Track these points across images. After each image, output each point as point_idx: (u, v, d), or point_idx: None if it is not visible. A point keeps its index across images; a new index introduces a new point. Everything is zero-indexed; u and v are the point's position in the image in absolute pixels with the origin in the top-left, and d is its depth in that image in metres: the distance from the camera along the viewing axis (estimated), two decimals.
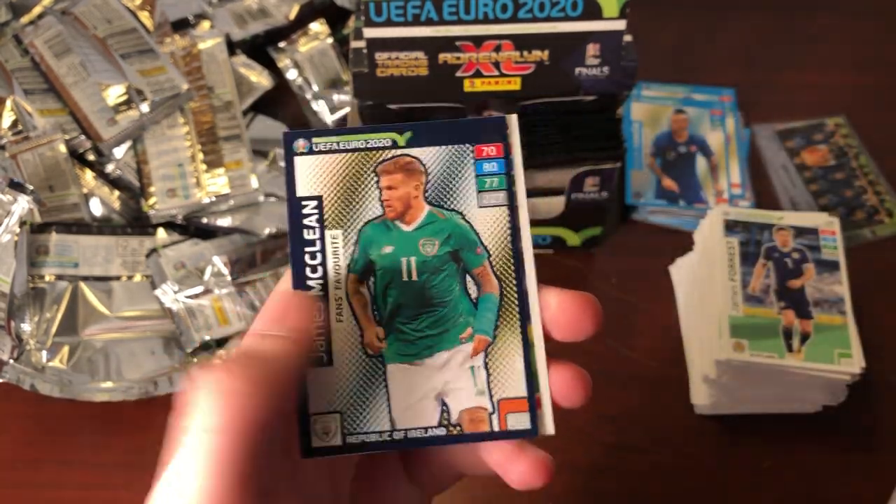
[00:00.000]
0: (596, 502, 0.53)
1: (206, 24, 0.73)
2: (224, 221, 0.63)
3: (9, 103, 0.65)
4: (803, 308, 0.53)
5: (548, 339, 0.27)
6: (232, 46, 0.73)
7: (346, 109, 0.70)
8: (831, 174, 0.71)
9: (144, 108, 0.65)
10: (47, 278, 0.61)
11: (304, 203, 0.26)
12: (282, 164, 0.68)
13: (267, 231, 0.60)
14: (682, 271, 0.62)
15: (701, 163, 0.70)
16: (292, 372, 0.25)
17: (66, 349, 0.58)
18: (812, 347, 0.51)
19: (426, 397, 0.26)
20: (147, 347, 0.59)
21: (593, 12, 0.50)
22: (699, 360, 0.56)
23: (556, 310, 0.27)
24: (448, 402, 0.26)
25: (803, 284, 0.54)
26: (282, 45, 0.74)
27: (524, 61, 0.52)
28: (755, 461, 0.55)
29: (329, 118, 0.71)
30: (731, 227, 0.56)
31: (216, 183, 0.64)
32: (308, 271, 0.26)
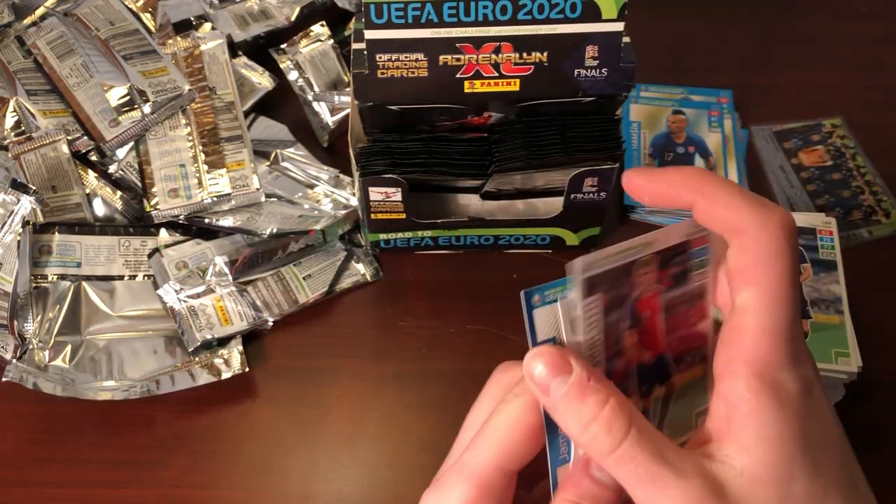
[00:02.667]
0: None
1: (207, 26, 0.74)
2: (226, 221, 0.63)
3: (12, 104, 0.66)
4: (801, 307, 0.53)
5: None
6: (233, 48, 0.73)
7: (347, 110, 0.71)
8: (828, 175, 0.71)
9: (146, 108, 0.65)
10: (50, 278, 0.61)
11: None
12: (283, 164, 0.68)
13: (268, 231, 0.61)
14: None
15: (699, 163, 0.70)
16: None
17: (68, 348, 0.59)
18: (810, 346, 0.51)
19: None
20: (149, 347, 0.59)
21: (592, 14, 0.50)
22: None
23: None
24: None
25: (801, 284, 0.54)
26: (283, 46, 0.74)
27: (523, 63, 0.52)
28: None
29: (330, 119, 0.71)
30: None
31: (218, 183, 0.64)
32: None
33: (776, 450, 0.27)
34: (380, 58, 0.52)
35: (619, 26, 0.51)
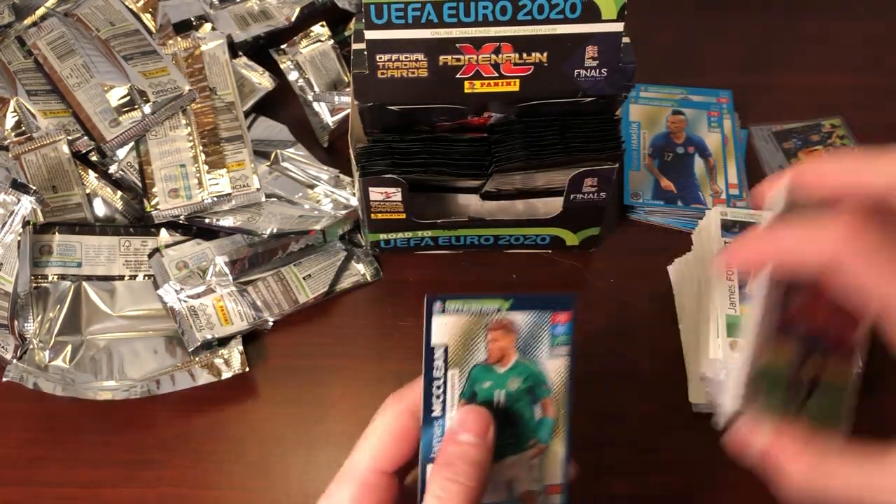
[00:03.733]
0: (594, 500, 0.54)
1: (207, 26, 0.74)
2: (226, 221, 0.63)
3: (12, 104, 0.66)
4: None
5: None
6: (233, 48, 0.73)
7: (347, 111, 0.71)
8: None
9: (147, 109, 0.65)
10: (50, 278, 0.61)
11: (435, 350, 0.35)
12: (283, 164, 0.68)
13: (268, 231, 0.61)
14: (680, 271, 0.63)
15: (698, 163, 0.70)
16: None
17: (69, 348, 0.59)
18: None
19: (500, 482, 0.36)
20: (149, 346, 0.59)
21: (592, 15, 0.50)
22: (696, 360, 0.56)
23: None
24: (514, 486, 0.37)
25: None
26: (283, 46, 0.74)
27: (523, 63, 0.52)
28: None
29: (330, 119, 0.71)
30: (728, 227, 0.57)
31: (218, 183, 0.64)
32: (433, 399, 0.35)
33: None
34: (380, 58, 0.52)
35: (618, 27, 0.51)
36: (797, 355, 0.35)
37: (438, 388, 0.35)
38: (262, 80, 0.73)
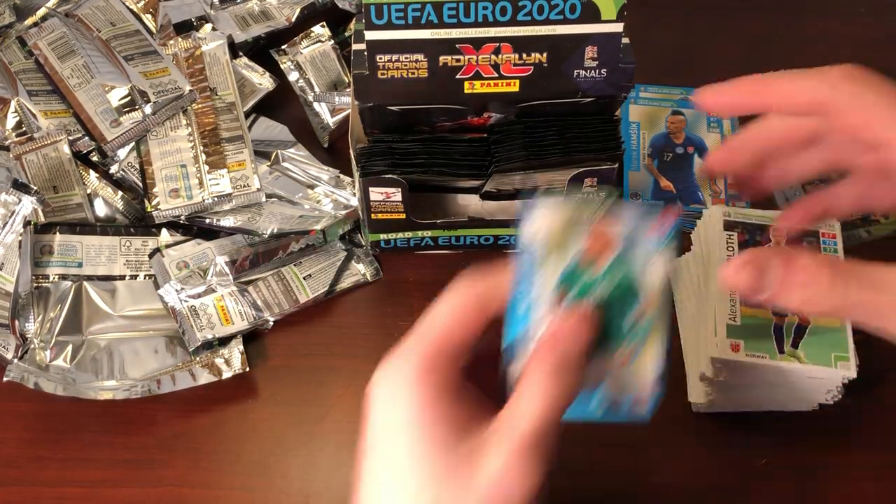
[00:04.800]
0: (594, 500, 0.54)
1: (208, 27, 0.74)
2: (226, 222, 0.63)
3: (13, 105, 0.66)
4: None
5: None
6: (234, 48, 0.73)
7: (348, 111, 0.71)
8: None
9: (147, 109, 0.65)
10: (51, 278, 0.61)
11: (529, 247, 0.33)
12: (283, 164, 0.68)
13: (269, 231, 0.61)
14: (679, 271, 0.63)
15: (698, 164, 0.71)
16: None
17: (69, 348, 0.59)
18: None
19: (587, 387, 0.35)
20: (150, 346, 0.60)
21: (591, 15, 0.50)
22: (696, 359, 0.56)
23: None
24: (600, 393, 0.35)
25: None
26: (284, 46, 0.74)
27: (523, 63, 0.52)
28: (751, 459, 0.55)
29: (330, 119, 0.71)
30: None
31: (219, 183, 0.65)
32: (521, 298, 0.34)
33: None
34: (380, 59, 0.52)
35: (618, 27, 0.51)
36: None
37: (528, 286, 0.34)
38: (263, 81, 0.73)
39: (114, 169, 0.66)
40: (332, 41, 0.75)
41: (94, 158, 0.66)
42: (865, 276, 0.32)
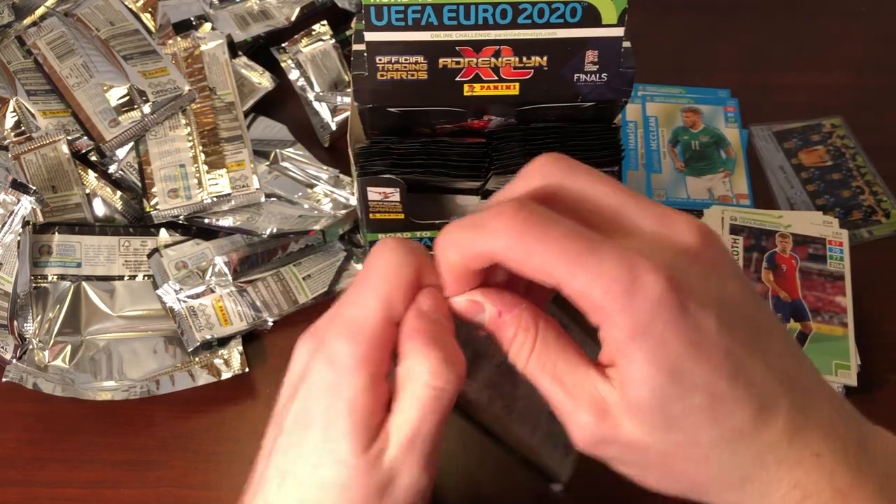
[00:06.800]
0: (590, 500, 0.54)
1: (207, 26, 0.74)
2: (225, 222, 0.63)
3: (12, 104, 0.66)
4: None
5: None
6: (233, 48, 0.73)
7: (348, 111, 0.71)
8: (828, 174, 0.71)
9: (146, 109, 0.65)
10: (50, 278, 0.61)
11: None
12: (283, 164, 0.68)
13: (268, 231, 0.61)
14: None
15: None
16: None
17: (68, 348, 0.59)
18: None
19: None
20: (149, 347, 0.60)
21: (592, 19, 0.50)
22: None
23: None
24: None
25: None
26: (284, 45, 0.74)
27: (523, 67, 0.52)
28: None
29: (330, 119, 0.71)
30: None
31: (218, 183, 0.64)
32: None
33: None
34: (379, 60, 0.52)
35: (619, 31, 0.51)
36: None
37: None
38: (262, 80, 0.72)
39: (112, 169, 0.66)
40: (333, 40, 0.75)
41: (93, 158, 0.66)
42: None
